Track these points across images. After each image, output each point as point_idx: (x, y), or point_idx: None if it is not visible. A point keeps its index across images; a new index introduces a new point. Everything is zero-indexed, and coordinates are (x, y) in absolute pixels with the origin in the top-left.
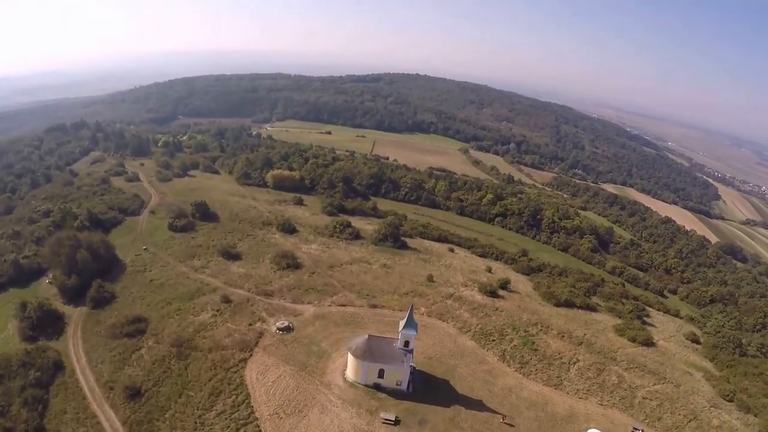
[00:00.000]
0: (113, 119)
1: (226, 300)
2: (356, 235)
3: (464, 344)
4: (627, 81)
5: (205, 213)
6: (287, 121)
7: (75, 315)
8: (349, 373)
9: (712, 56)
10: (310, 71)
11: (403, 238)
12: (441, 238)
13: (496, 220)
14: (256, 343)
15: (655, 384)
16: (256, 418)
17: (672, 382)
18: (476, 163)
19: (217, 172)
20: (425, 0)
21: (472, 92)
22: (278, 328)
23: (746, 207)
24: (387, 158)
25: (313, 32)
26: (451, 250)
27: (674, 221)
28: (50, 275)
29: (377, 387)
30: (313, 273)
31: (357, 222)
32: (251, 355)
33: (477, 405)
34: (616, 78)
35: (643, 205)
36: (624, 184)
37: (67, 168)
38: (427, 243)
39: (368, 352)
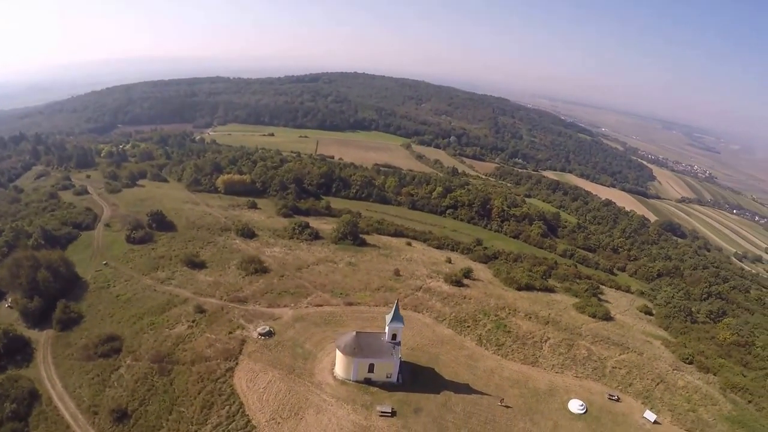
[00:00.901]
0: (52, 130)
1: (200, 310)
2: (316, 236)
3: (442, 333)
4: (559, 72)
5: (161, 223)
6: (229, 125)
7: (42, 339)
8: (339, 371)
9: (640, 46)
10: (249, 74)
11: (361, 236)
12: (397, 233)
13: (447, 212)
14: (240, 350)
15: (620, 354)
16: (254, 426)
17: (635, 351)
18: (419, 157)
19: (165, 180)
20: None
21: (410, 88)
22: (260, 334)
23: (680, 186)
24: (332, 157)
25: (250, 36)
26: (409, 244)
27: (614, 203)
28: (9, 299)
29: (368, 382)
30: (282, 276)
31: (313, 222)
32: (237, 363)
33: (464, 389)
34: (550, 69)
35: (584, 189)
36: (563, 170)
37: (11, 184)
38: (384, 239)
39: (357, 349)
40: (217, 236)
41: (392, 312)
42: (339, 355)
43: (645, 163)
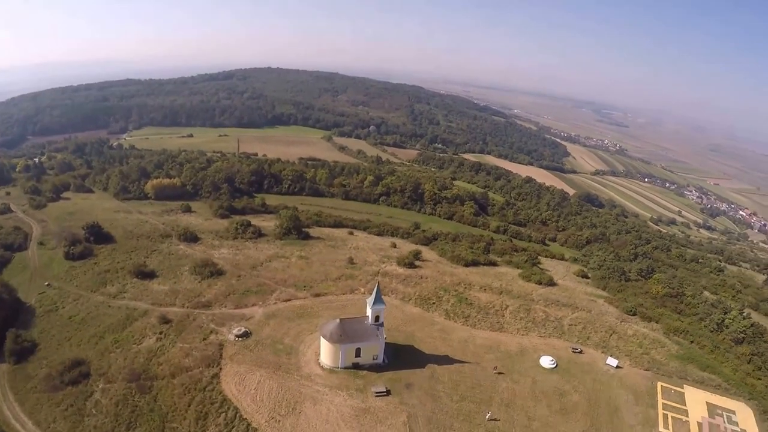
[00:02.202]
0: None
1: (165, 320)
2: (259, 234)
3: (411, 312)
4: (472, 58)
5: (99, 235)
6: (145, 128)
7: None
8: (326, 360)
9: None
10: (161, 75)
11: (304, 230)
12: (337, 224)
13: (380, 199)
14: (220, 355)
15: (572, 313)
16: (255, 429)
17: (584, 310)
18: (342, 148)
19: (90, 191)
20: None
21: (325, 81)
22: (236, 336)
23: (594, 159)
24: (256, 154)
25: (160, 34)
26: (351, 234)
27: (535, 180)
28: None
29: (356, 366)
30: (239, 276)
31: (252, 220)
32: (221, 369)
33: (445, 360)
34: (460, 56)
35: (504, 169)
36: (482, 152)
37: None
38: (326, 230)
39: (344, 335)
40: (159, 243)
41: (374, 294)
42: (325, 344)
43: (559, 140)
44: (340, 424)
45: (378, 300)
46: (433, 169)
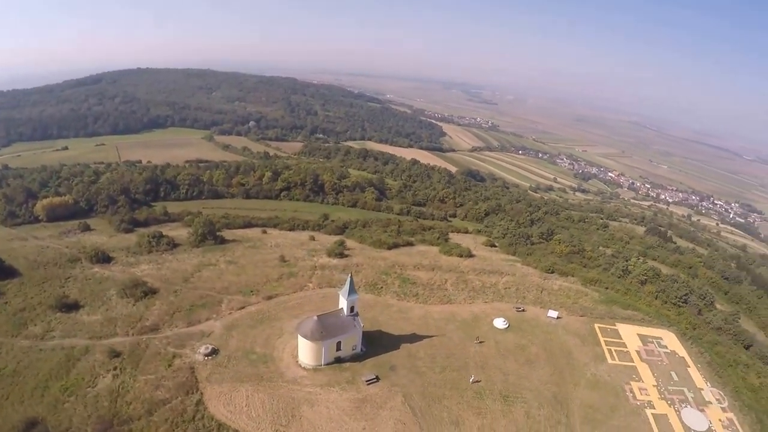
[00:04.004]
0: None
1: (114, 354)
2: (173, 244)
3: (365, 298)
4: (338, 47)
5: (0, 270)
6: (14, 145)
7: None
8: (307, 360)
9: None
10: (24, 83)
11: (217, 234)
12: (247, 225)
13: (282, 195)
14: (195, 379)
15: (502, 278)
16: None
17: (510, 274)
18: (226, 147)
19: None
20: None
21: (198, 78)
22: (205, 355)
23: (469, 137)
24: (139, 161)
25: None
26: (265, 232)
27: (419, 161)
28: None
29: (338, 360)
30: (176, 292)
31: (160, 230)
32: (202, 393)
33: (415, 337)
34: (329, 45)
35: (388, 153)
36: (362, 138)
37: None
38: (239, 232)
39: (324, 331)
40: (70, 269)
41: (346, 286)
42: (306, 343)
43: (434, 121)
44: (344, 419)
45: (352, 291)
46: (321, 160)
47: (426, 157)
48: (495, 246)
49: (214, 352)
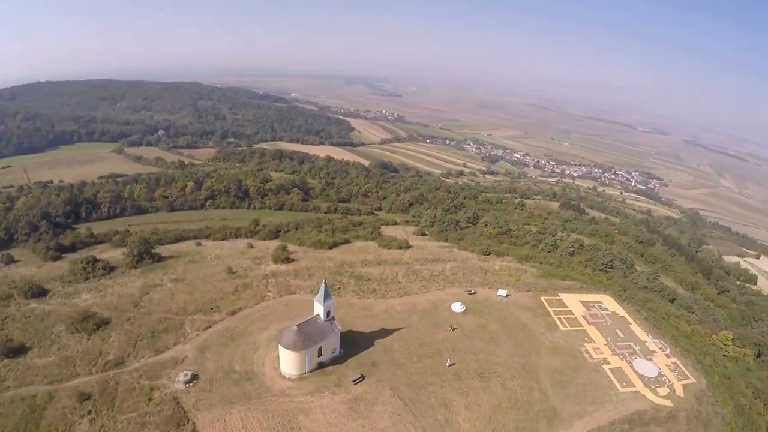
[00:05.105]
0: None
1: (83, 396)
2: (109, 267)
3: None
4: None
5: None
6: None
7: None
8: (290, 370)
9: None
10: None
11: (153, 251)
12: (178, 238)
13: (207, 204)
14: (182, 409)
15: (446, 264)
16: None
17: (451, 260)
18: (138, 159)
19: None
20: None
21: (101, 89)
22: (185, 382)
23: (377, 130)
24: (51, 182)
25: None
26: (199, 245)
27: (334, 158)
28: None
29: (320, 365)
30: (129, 319)
31: (90, 254)
32: (194, 423)
33: (385, 332)
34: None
35: (302, 152)
36: (273, 139)
37: None
38: (172, 247)
39: (306, 340)
40: (4, 309)
41: (321, 292)
42: (289, 353)
43: (342, 117)
44: (342, 421)
45: (327, 296)
46: (237, 164)
47: (339, 153)
48: (426, 235)
49: (194, 377)
